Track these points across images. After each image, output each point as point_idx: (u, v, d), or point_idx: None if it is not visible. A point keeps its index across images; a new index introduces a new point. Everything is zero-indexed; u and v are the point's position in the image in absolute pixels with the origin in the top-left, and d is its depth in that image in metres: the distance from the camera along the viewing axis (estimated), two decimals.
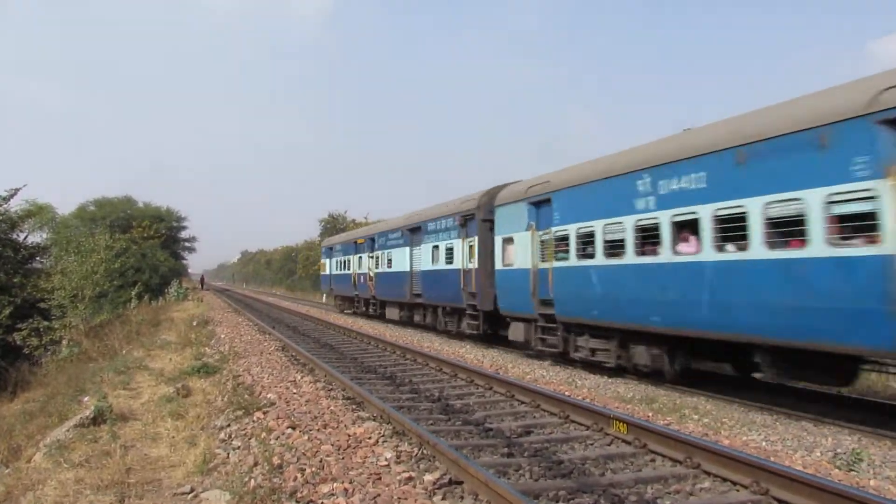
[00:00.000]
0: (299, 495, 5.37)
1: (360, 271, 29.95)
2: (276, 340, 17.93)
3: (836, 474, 6.17)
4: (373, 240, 28.22)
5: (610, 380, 12.11)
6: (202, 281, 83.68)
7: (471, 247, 17.87)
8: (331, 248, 37.85)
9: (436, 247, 20.48)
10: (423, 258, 21.55)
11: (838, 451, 7.30)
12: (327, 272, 38.37)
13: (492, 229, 16.70)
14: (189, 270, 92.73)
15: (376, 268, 27.10)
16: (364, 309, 30.24)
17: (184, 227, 69.46)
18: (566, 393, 9.87)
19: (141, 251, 45.22)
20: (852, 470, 6.50)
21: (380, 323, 26.60)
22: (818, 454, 7.22)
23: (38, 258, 26.86)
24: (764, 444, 7.59)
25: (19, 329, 21.05)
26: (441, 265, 19.90)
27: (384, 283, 26.29)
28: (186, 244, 71.84)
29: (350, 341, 18.20)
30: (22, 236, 26.08)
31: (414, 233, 23.01)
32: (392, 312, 25.58)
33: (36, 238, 27.77)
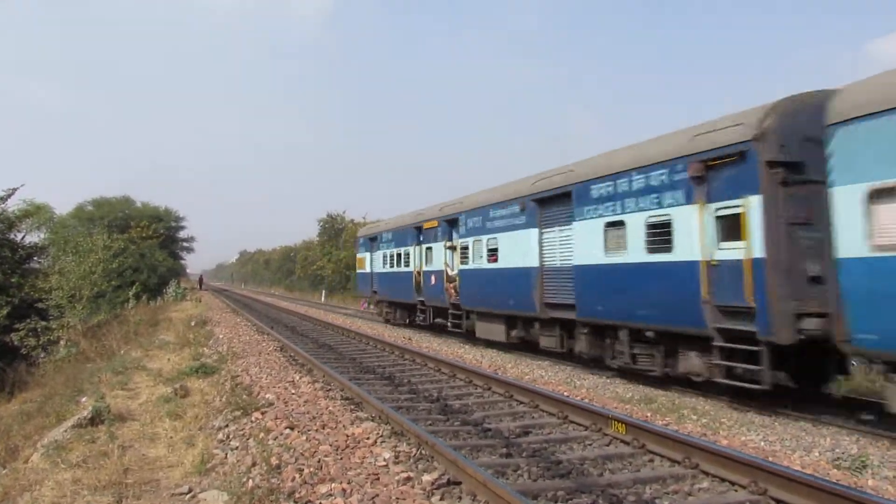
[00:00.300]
0: (297, 495, 5.37)
1: (429, 268, 20.92)
2: (274, 341, 17.92)
3: (834, 474, 6.17)
4: (453, 222, 19.22)
5: (608, 380, 12.11)
6: (201, 281, 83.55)
7: (729, 218, 9.50)
8: (373, 239, 27.63)
9: (614, 224, 11.71)
10: (578, 245, 12.75)
11: (837, 451, 7.31)
12: (367, 270, 28.53)
13: (783, 181, 8.84)
14: (187, 270, 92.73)
15: (463, 263, 18.11)
16: (433, 320, 21.20)
17: (182, 227, 69.43)
18: (565, 393, 9.87)
19: (139, 251, 45.16)
20: (857, 473, 6.46)
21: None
22: (816, 454, 7.23)
23: (35, 258, 26.88)
24: (762, 444, 7.60)
25: (17, 329, 21.05)
26: (631, 255, 11.16)
27: (479, 287, 17.29)
28: (185, 244, 71.79)
29: (349, 341, 18.19)
30: (19, 236, 26.09)
31: (547, 205, 14.10)
32: (491, 330, 16.76)
33: (33, 238, 27.78)
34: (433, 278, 20.47)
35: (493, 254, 16.44)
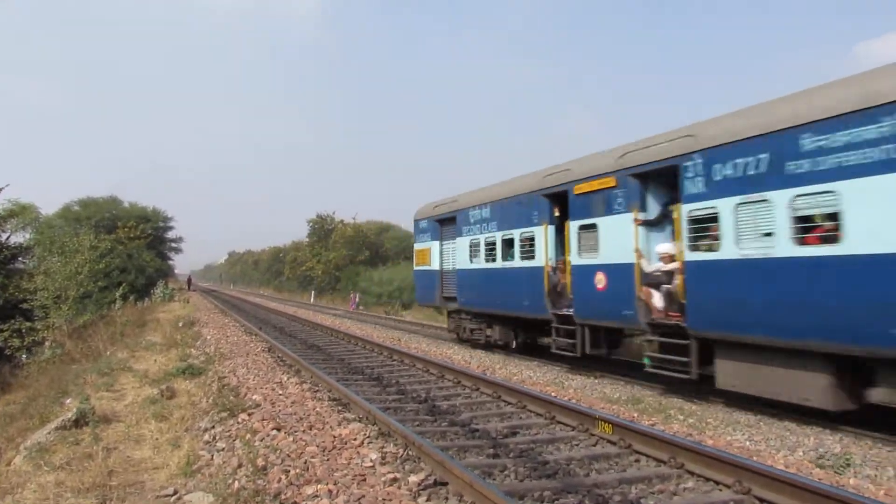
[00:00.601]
0: (283, 497, 5.35)
1: (589, 261, 12.09)
2: (262, 341, 17.84)
3: (817, 473, 6.23)
4: (659, 175, 10.85)
5: (596, 381, 12.15)
6: (189, 282, 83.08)
7: None
8: (446, 221, 18.84)
9: None
10: None
11: (821, 450, 7.37)
12: (433, 266, 19.54)
13: None
14: (176, 271, 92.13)
15: (698, 250, 9.73)
16: (588, 348, 12.32)
17: (170, 228, 68.98)
18: (552, 394, 9.89)
19: (126, 252, 44.87)
20: (839, 472, 6.54)
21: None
22: (801, 454, 7.29)
23: (20, 258, 26.65)
24: (748, 443, 7.65)
25: (1, 330, 20.86)
26: None
27: (747, 294, 8.81)
28: (173, 245, 71.34)
29: (337, 342, 18.15)
30: (4, 236, 25.87)
31: None
32: (774, 381, 8.71)
33: (18, 238, 27.54)
34: (601, 278, 11.68)
35: (812, 227, 8.14)
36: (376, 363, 13.69)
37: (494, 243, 15.76)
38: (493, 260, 15.84)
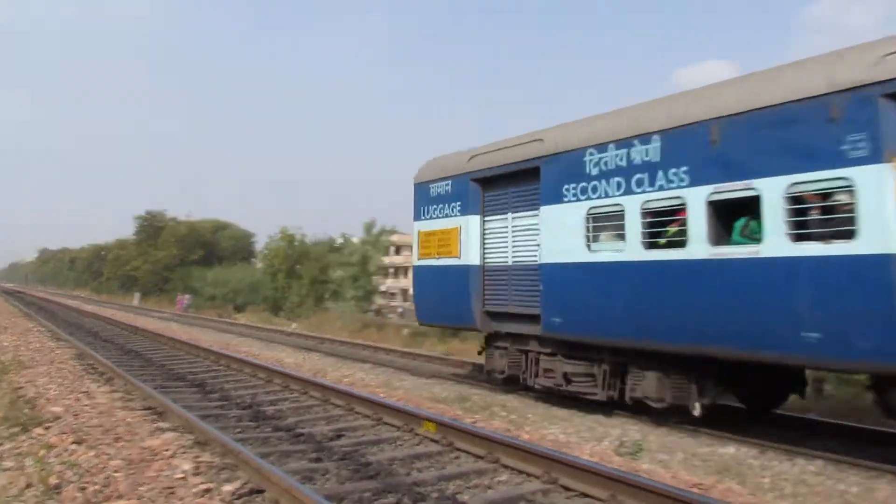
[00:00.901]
0: None
1: None
2: (71, 348, 16.21)
3: (616, 461, 6.80)
4: None
5: (426, 381, 12.39)
6: None
7: None
8: (507, 179, 10.41)
9: None
10: None
11: (624, 440, 8.05)
12: (468, 259, 10.97)
13: None
14: None
15: None
16: None
17: None
18: (381, 395, 9.94)
19: None
20: (635, 458, 7.20)
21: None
22: (606, 444, 7.90)
23: None
24: (561, 436, 8.16)
25: None
26: None
27: None
28: None
29: (159, 347, 16.96)
30: None
31: None
32: None
33: None
34: None
35: None
36: (201, 368, 12.98)
37: (673, 212, 7.97)
38: (678, 244, 7.80)
